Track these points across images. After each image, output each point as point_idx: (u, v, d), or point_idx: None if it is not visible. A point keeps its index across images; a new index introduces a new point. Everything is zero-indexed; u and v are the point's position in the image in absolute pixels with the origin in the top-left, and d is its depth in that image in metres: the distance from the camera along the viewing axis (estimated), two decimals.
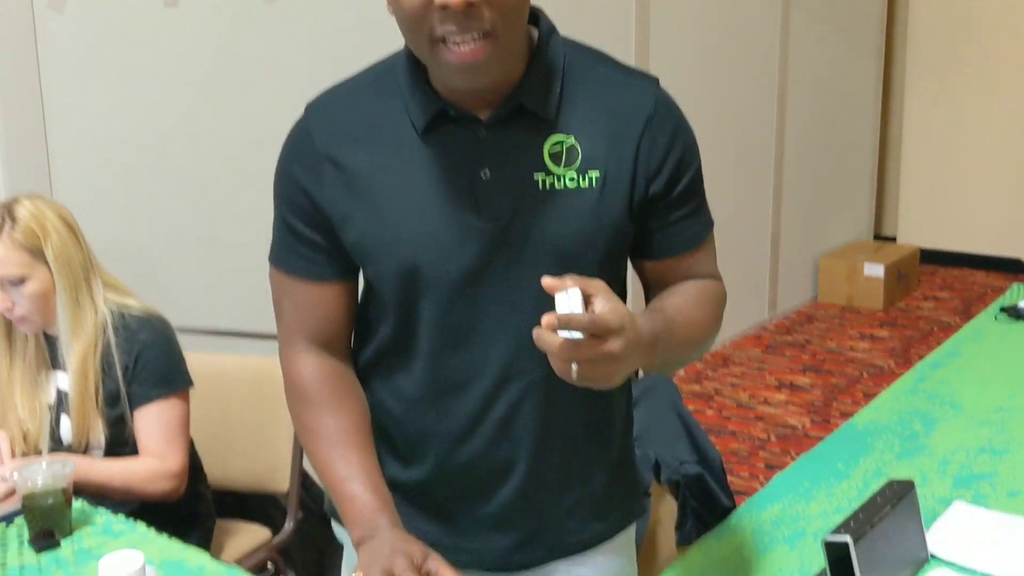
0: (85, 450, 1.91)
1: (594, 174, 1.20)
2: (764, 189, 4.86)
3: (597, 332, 1.02)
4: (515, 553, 1.34)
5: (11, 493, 1.75)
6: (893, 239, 5.96)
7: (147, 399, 1.92)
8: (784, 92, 4.85)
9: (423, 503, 1.34)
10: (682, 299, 1.27)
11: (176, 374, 1.96)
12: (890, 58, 5.86)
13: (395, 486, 1.32)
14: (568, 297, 1.03)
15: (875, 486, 1.68)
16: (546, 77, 1.21)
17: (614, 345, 1.03)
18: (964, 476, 1.77)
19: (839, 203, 5.53)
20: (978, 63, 5.58)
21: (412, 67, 1.21)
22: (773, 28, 4.71)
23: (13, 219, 1.84)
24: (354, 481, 1.24)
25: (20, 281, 1.84)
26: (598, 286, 1.06)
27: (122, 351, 1.90)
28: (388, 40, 3.23)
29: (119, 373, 1.89)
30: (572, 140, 1.20)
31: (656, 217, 1.26)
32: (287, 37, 2.69)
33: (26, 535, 1.65)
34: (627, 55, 3.62)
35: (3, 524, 1.70)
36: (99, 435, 1.91)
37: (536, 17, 1.23)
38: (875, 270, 5.15)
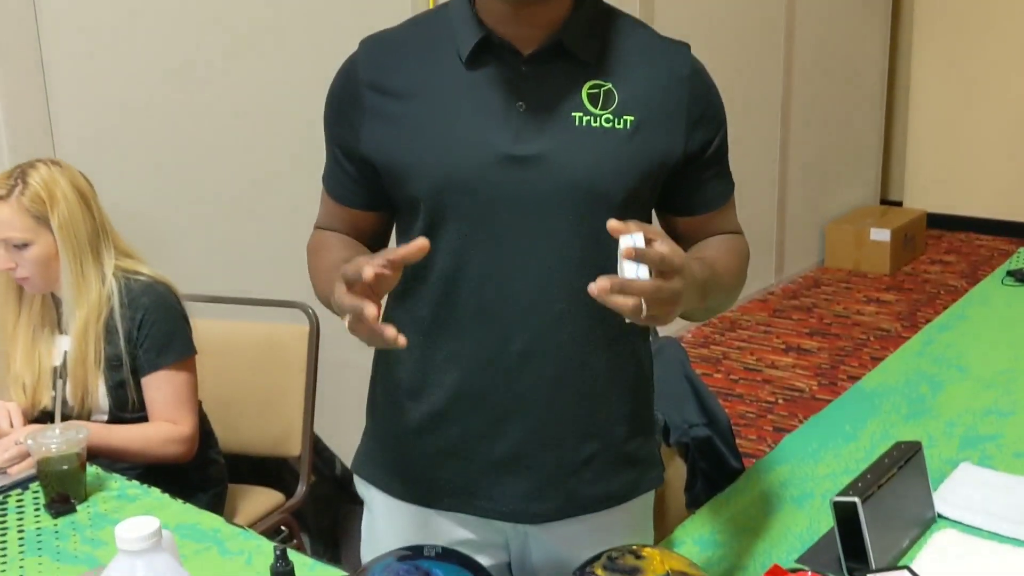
0: (89, 416, 1.93)
1: (629, 118, 1.26)
2: (771, 154, 4.85)
3: (665, 269, 1.06)
4: (530, 501, 1.35)
5: (25, 456, 1.77)
6: (900, 203, 5.95)
7: (155, 367, 1.94)
8: (791, 57, 4.82)
9: (439, 443, 1.35)
10: (715, 251, 1.33)
11: (181, 340, 1.97)
12: (897, 23, 5.82)
13: (410, 425, 1.35)
14: (632, 240, 1.05)
15: (882, 448, 1.69)
16: (588, 24, 1.27)
17: (677, 283, 1.07)
18: (970, 437, 1.78)
19: (846, 168, 5.52)
20: (985, 28, 5.54)
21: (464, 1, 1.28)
22: None
23: (25, 183, 1.85)
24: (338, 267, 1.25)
25: (24, 245, 1.86)
26: (657, 231, 1.09)
27: (125, 317, 1.91)
28: (395, 6, 3.19)
29: (122, 339, 1.91)
30: (610, 86, 1.26)
31: (690, 175, 1.32)
32: None
33: (42, 500, 1.67)
34: (631, 12, 3.60)
35: (19, 489, 1.72)
36: (100, 400, 1.93)
37: None
38: (882, 235, 5.15)
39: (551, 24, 1.25)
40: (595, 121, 1.24)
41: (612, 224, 1.06)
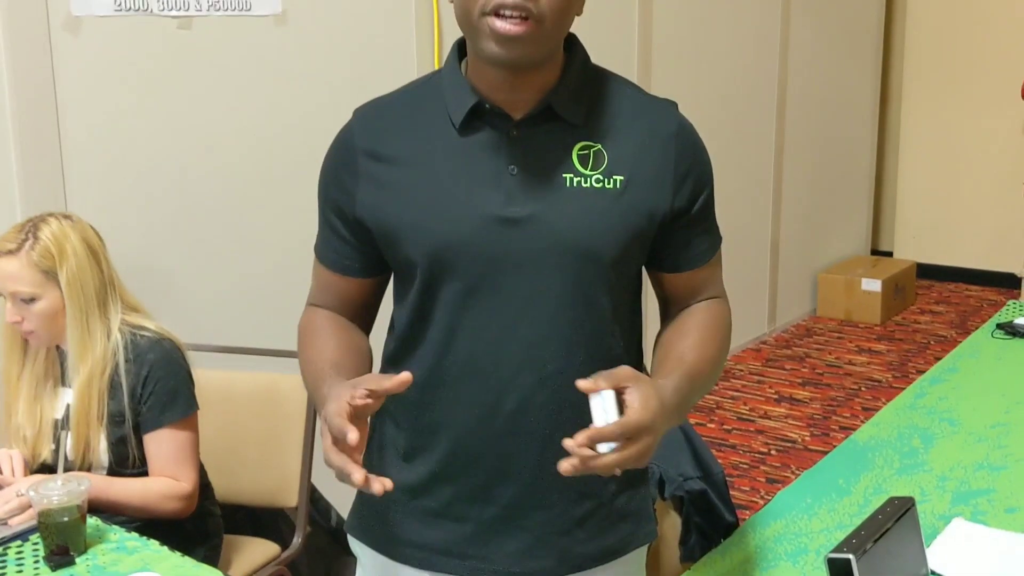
0: (89, 469, 1.93)
1: (619, 178, 1.28)
2: (764, 205, 4.90)
3: (631, 436, 1.10)
4: (523, 560, 1.36)
5: (27, 507, 1.77)
6: (890, 254, 6.00)
7: (158, 424, 1.94)
8: (783, 110, 4.89)
9: (431, 504, 1.37)
10: (697, 336, 1.34)
11: (184, 398, 1.97)
12: (887, 77, 5.92)
13: (403, 488, 1.36)
14: (602, 399, 1.10)
15: (876, 502, 1.70)
16: (577, 88, 1.30)
17: (647, 440, 1.12)
18: (963, 492, 1.80)
19: (837, 219, 5.58)
20: (972, 83, 5.64)
21: (454, 66, 1.32)
22: (772, 47, 4.76)
23: (35, 238, 1.86)
24: (325, 372, 1.29)
25: (31, 299, 1.87)
26: (626, 375, 1.13)
27: (130, 373, 1.91)
28: (395, 62, 3.26)
29: (125, 395, 1.91)
30: (599, 147, 1.29)
31: (676, 232, 1.34)
32: (298, 59, 2.72)
33: (41, 552, 1.67)
34: (629, 72, 3.66)
35: (19, 541, 1.73)
36: (101, 455, 1.93)
37: (572, 43, 1.33)
38: (872, 285, 5.20)
39: (541, 89, 1.28)
40: (586, 182, 1.27)
41: (581, 384, 1.12)
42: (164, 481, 1.95)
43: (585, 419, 1.33)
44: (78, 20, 2.26)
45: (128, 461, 1.95)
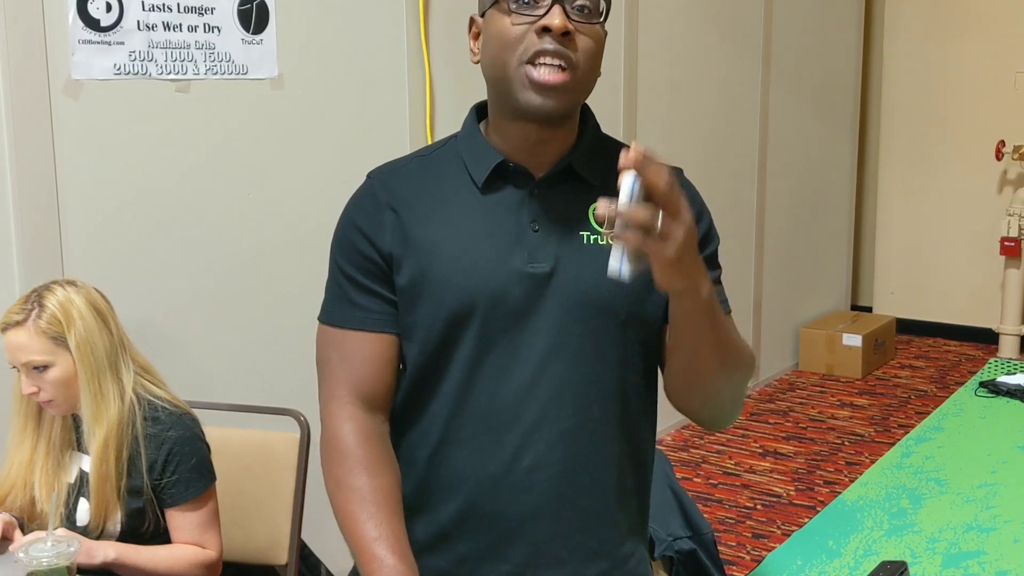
0: (100, 535, 1.91)
1: None
2: (746, 261, 4.97)
3: (671, 203, 1.09)
4: None
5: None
6: (869, 309, 6.07)
7: (183, 500, 1.94)
8: (763, 171, 4.99)
9: (440, 563, 1.37)
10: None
11: (206, 471, 1.98)
12: (864, 138, 6.04)
13: (413, 544, 1.35)
14: (632, 176, 1.09)
15: (867, 564, 1.72)
16: (594, 150, 1.36)
17: (679, 228, 1.10)
18: (953, 555, 1.81)
19: (817, 275, 5.66)
20: (947, 143, 5.76)
21: (473, 129, 1.36)
22: (752, 110, 4.87)
23: (41, 307, 1.86)
24: (382, 544, 1.27)
25: (44, 367, 1.86)
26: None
27: (150, 446, 1.90)
28: (388, 125, 3.30)
29: (144, 467, 1.90)
30: (614, 207, 1.31)
31: None
32: (294, 121, 2.76)
33: None
34: (615, 133, 3.74)
35: None
36: (116, 523, 1.91)
37: (584, 108, 1.39)
38: (853, 340, 5.25)
39: (561, 149, 1.33)
40: (602, 239, 1.31)
41: (632, 151, 1.08)
42: (192, 549, 1.95)
43: (600, 478, 1.35)
44: (78, 84, 2.29)
45: (142, 530, 1.94)
